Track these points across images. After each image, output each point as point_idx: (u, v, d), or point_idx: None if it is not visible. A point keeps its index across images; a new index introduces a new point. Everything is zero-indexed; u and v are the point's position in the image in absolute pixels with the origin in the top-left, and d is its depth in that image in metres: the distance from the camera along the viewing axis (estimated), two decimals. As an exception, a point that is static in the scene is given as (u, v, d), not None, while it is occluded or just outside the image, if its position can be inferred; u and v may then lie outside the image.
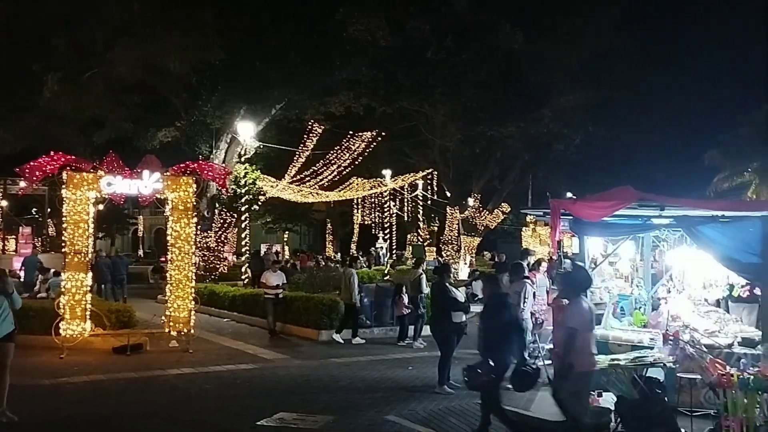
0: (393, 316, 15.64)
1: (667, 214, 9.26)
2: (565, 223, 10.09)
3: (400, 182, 34.99)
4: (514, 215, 37.40)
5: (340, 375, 10.78)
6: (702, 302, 11.50)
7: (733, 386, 7.18)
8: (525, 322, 9.84)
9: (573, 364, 6.73)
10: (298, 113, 24.30)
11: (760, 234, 8.49)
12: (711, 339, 8.68)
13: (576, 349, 6.81)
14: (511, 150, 28.78)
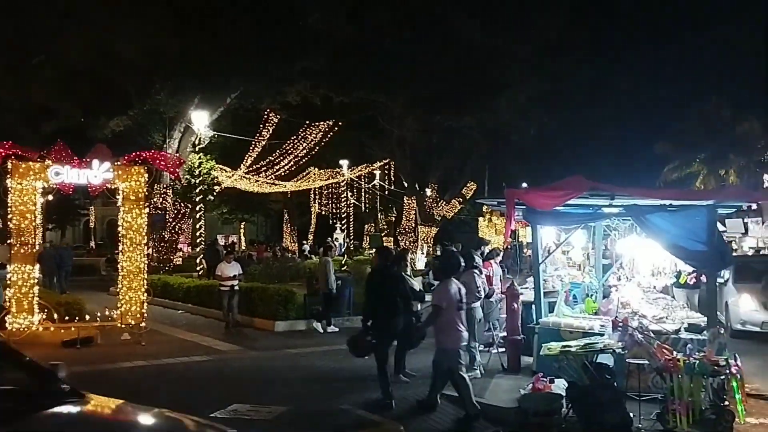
0: (350, 305, 15.69)
1: (617, 203, 9.42)
2: (519, 212, 10.21)
3: (357, 172, 34.96)
4: (471, 205, 37.77)
5: (296, 365, 10.73)
6: (651, 289, 11.80)
7: (679, 371, 7.38)
8: (474, 311, 9.91)
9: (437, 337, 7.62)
10: (254, 102, 24.02)
11: (705, 222, 8.72)
12: (659, 325, 8.89)
13: (440, 326, 7.56)
14: (468, 140, 28.97)
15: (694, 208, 8.95)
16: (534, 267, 10.66)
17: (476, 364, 9.69)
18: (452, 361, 7.64)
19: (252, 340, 13.23)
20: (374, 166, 34.40)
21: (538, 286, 10.24)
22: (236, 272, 14.87)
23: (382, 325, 8.45)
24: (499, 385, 8.99)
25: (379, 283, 8.68)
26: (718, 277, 12.74)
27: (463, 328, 7.74)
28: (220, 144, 26.01)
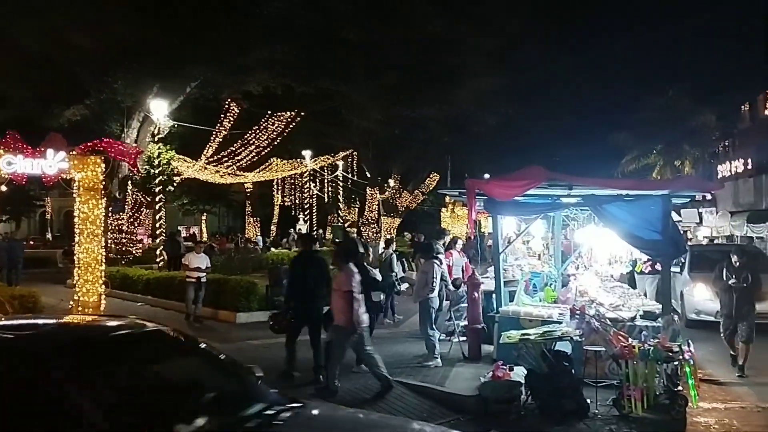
0: (312, 296, 15.66)
1: (575, 194, 9.58)
2: (481, 202, 10.31)
3: (320, 163, 34.81)
4: (434, 196, 37.97)
5: (258, 357, 10.64)
6: (608, 278, 12.06)
7: (634, 357, 7.55)
8: (432, 301, 9.99)
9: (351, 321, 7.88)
10: (214, 92, 23.66)
11: (660, 212, 8.93)
12: (615, 313, 9.08)
13: (341, 307, 7.90)
14: (430, 131, 29.05)
15: (649, 198, 9.15)
16: (494, 257, 10.78)
17: (436, 352, 9.78)
18: (346, 339, 8.07)
19: (214, 332, 13.10)
20: (337, 157, 34.31)
21: (499, 276, 10.37)
22: (204, 264, 14.47)
23: (300, 306, 9.07)
24: (460, 374, 9.08)
25: (302, 267, 9.15)
26: (673, 265, 13.10)
27: (363, 309, 8.12)
28: (181, 134, 25.60)
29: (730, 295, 9.99)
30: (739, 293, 9.90)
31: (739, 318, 9.81)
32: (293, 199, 40.00)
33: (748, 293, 9.95)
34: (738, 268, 10.05)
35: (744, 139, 31.16)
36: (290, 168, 32.92)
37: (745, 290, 9.93)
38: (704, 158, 34.12)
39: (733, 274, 10.03)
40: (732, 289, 9.98)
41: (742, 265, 10.08)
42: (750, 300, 9.94)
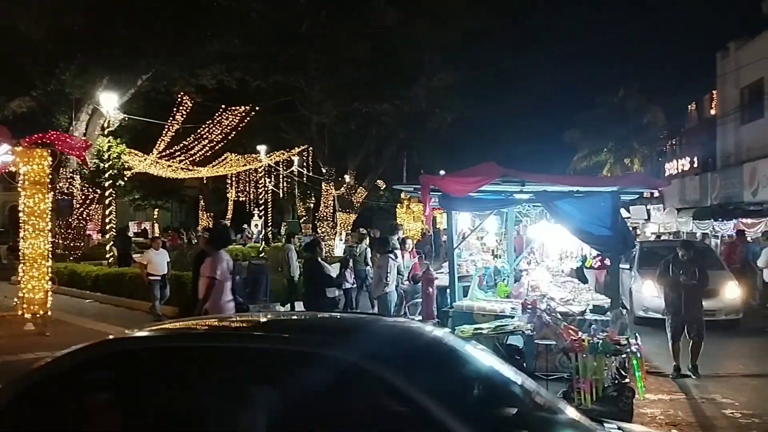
0: (267, 292, 15.55)
1: (528, 190, 9.69)
2: (436, 198, 10.36)
3: (275, 158, 34.48)
4: (390, 192, 38.06)
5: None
6: (559, 273, 12.26)
7: (584, 350, 7.69)
8: (390, 295, 10.01)
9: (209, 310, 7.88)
10: (166, 85, 23.23)
11: (610, 208, 9.10)
12: (566, 307, 9.23)
13: (214, 297, 7.93)
14: (386, 127, 29.09)
15: (599, 195, 9.32)
16: (449, 252, 10.85)
17: (392, 348, 9.79)
18: None
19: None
20: (292, 152, 34.04)
21: (453, 271, 10.44)
22: (166, 260, 13.98)
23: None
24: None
25: (196, 264, 9.34)
26: (622, 262, 13.36)
27: (231, 298, 8.23)
28: (132, 127, 25.05)
29: (677, 293, 9.57)
30: (688, 290, 9.50)
31: (688, 316, 9.42)
32: (248, 194, 39.54)
33: (696, 290, 9.58)
34: (685, 263, 9.65)
35: (690, 138, 32.06)
36: (245, 163, 32.50)
37: (694, 287, 9.54)
38: (653, 156, 35.02)
39: (680, 269, 9.60)
40: (680, 286, 9.57)
41: (689, 260, 9.69)
42: (699, 297, 9.62)
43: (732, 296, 13.00)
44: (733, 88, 25.10)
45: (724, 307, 12.78)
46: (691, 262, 9.63)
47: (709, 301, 11.61)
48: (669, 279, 9.72)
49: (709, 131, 27.90)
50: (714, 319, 11.88)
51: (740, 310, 13.05)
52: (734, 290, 13.08)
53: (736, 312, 12.95)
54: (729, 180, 22.84)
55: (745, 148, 23.70)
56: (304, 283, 10.36)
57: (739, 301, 13.08)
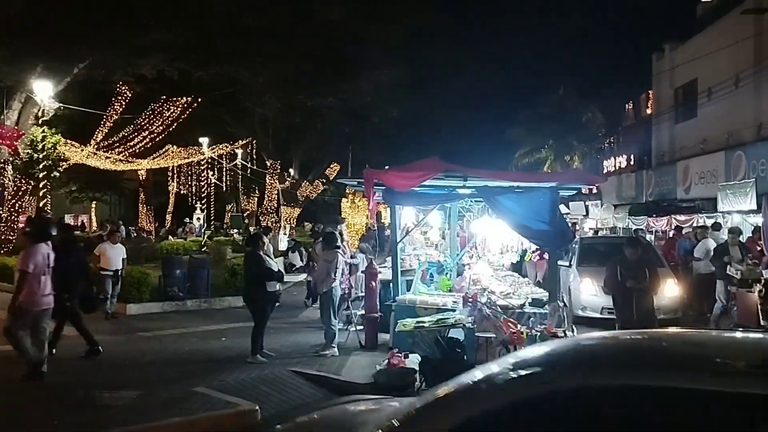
0: (208, 287, 15.35)
1: (470, 185, 9.82)
2: (380, 193, 10.40)
3: (218, 151, 33.94)
4: (335, 186, 37.97)
5: (149, 349, 10.32)
6: (500, 267, 12.46)
7: (522, 342, 7.86)
8: (335, 290, 10.00)
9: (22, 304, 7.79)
10: (104, 74, 22.53)
11: (549, 203, 9.31)
12: (506, 300, 9.40)
13: (28, 290, 7.81)
14: (331, 121, 28.98)
15: (538, 190, 9.52)
16: (392, 246, 10.92)
17: (334, 342, 9.81)
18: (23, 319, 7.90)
19: (101, 324, 12.53)
20: (236, 145, 33.57)
21: (396, 265, 10.51)
22: (122, 255, 13.31)
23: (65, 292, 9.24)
24: (356, 362, 9.15)
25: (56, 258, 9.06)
26: (562, 258, 13.59)
27: (47, 291, 8.07)
28: (69, 117, 24.24)
29: (627, 298, 8.71)
30: (638, 295, 8.67)
31: (640, 324, 8.24)
32: (190, 187, 38.82)
33: (647, 294, 8.78)
34: (633, 264, 8.86)
35: (627, 137, 32.99)
36: (186, 155, 31.89)
37: (645, 291, 8.75)
38: (591, 154, 35.89)
39: (628, 272, 8.77)
40: (631, 291, 8.69)
41: (637, 260, 8.92)
42: (650, 302, 8.85)
43: (671, 294, 12.39)
44: (668, 88, 25.94)
45: (662, 306, 11.86)
46: (638, 263, 8.85)
47: None
48: (618, 284, 8.83)
49: (645, 130, 28.77)
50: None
51: (679, 309, 12.60)
52: (673, 288, 12.53)
53: (674, 311, 12.41)
54: (663, 177, 23.60)
55: (678, 146, 24.52)
56: (244, 276, 10.22)
57: (678, 299, 12.60)
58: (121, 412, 6.80)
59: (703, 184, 19.98)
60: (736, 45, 19.29)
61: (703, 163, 20.31)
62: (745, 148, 17.69)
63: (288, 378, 8.36)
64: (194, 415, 6.74)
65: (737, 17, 19.53)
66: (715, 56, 20.49)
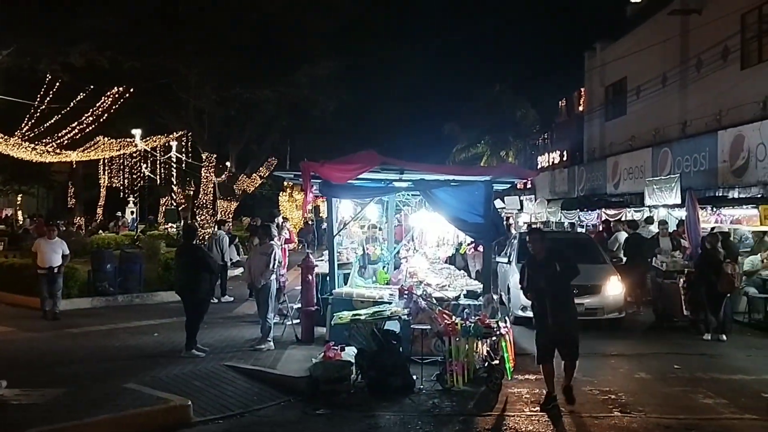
0: (141, 282, 14.99)
1: (407, 178, 9.91)
2: (317, 186, 10.35)
3: (152, 143, 33.07)
4: (273, 180, 37.57)
5: (77, 346, 10.01)
6: (437, 260, 12.61)
7: (457, 334, 7.99)
8: (272, 283, 9.92)
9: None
10: (30, 61, 21.65)
11: (483, 197, 9.47)
12: (441, 292, 9.52)
13: None
14: (268, 114, 28.61)
15: (473, 184, 9.68)
16: (329, 240, 10.90)
17: (270, 336, 9.73)
18: None
19: (25, 321, 12.08)
20: (170, 137, 32.78)
21: (333, 259, 10.51)
22: (61, 251, 12.55)
23: None
24: (292, 356, 9.10)
25: None
26: (500, 255, 13.78)
27: None
28: (-9, 106, 23.24)
29: (541, 302, 7.35)
30: (553, 294, 7.24)
31: (556, 327, 7.21)
32: (122, 180, 37.73)
33: (564, 291, 7.34)
34: (542, 260, 7.41)
35: (560, 133, 33.78)
36: (118, 147, 30.96)
37: (561, 289, 7.30)
38: (526, 149, 36.64)
39: (538, 271, 7.36)
40: (546, 292, 7.29)
41: (547, 255, 7.43)
42: (569, 300, 7.42)
43: (615, 293, 11.88)
44: (599, 86, 26.68)
45: (606, 305, 11.72)
46: (549, 256, 7.40)
47: (592, 299, 11.41)
48: (532, 284, 7.48)
49: (577, 126, 29.51)
50: (595, 318, 11.41)
51: (623, 307, 12.12)
52: (617, 286, 11.98)
53: (619, 310, 11.93)
54: (594, 173, 24.28)
55: (608, 143, 25.27)
56: (180, 269, 9.99)
57: (622, 297, 12.08)
58: (45, 411, 6.58)
59: (631, 179, 20.66)
60: (663, 45, 19.99)
61: (632, 159, 21.00)
62: (671, 145, 18.37)
63: (222, 372, 8.25)
64: (124, 412, 6.58)
65: (664, 18, 20.23)
66: (643, 56, 21.20)
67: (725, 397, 7.76)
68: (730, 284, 11.17)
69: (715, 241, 11.60)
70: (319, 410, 7.16)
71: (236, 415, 6.98)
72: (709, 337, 11.19)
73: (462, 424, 6.82)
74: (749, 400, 7.70)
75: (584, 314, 10.85)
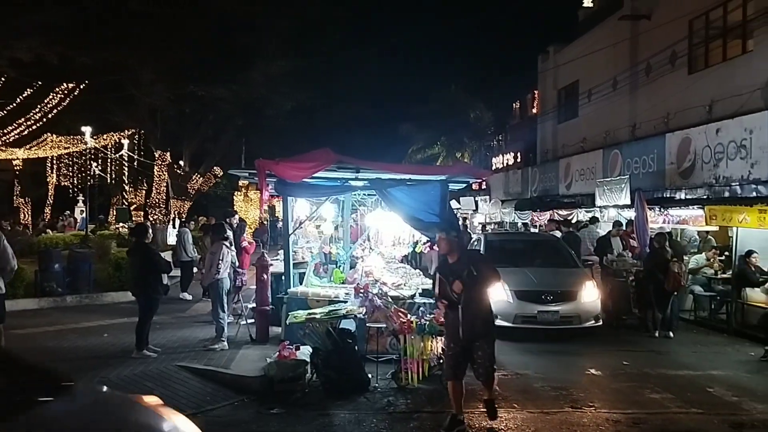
0: (90, 282, 14.64)
1: (363, 177, 9.90)
2: (272, 185, 10.26)
3: (103, 141, 32.36)
4: (228, 180, 37.16)
5: (22, 348, 9.67)
6: (393, 259, 12.64)
7: (412, 332, 8.02)
8: (222, 282, 9.81)
9: None
10: (-26, 56, 21.01)
11: (439, 196, 9.53)
12: (397, 291, 9.55)
13: None
14: (223, 113, 28.32)
15: (429, 183, 9.73)
16: (284, 239, 10.83)
17: (224, 336, 9.61)
18: None
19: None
20: (122, 135, 32.13)
21: (288, 258, 10.44)
22: None
23: None
24: (246, 356, 9.01)
25: None
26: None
27: None
28: (-68, 101, 22.43)
29: (453, 310, 6.45)
30: (465, 306, 6.34)
31: (468, 340, 6.41)
32: (71, 179, 36.80)
33: (478, 302, 6.44)
34: (456, 266, 6.48)
35: (515, 135, 34.25)
36: (67, 145, 30.21)
37: (475, 294, 6.39)
38: (481, 151, 37.05)
39: (450, 277, 6.43)
40: (456, 303, 6.40)
41: (460, 258, 6.54)
42: (483, 313, 6.48)
43: (590, 299, 11.04)
44: (552, 89, 27.13)
45: (583, 312, 10.89)
46: (459, 263, 6.52)
47: (566, 306, 10.71)
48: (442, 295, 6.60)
49: (530, 128, 29.94)
50: (571, 327, 10.77)
51: (600, 315, 11.15)
52: (593, 292, 11.19)
53: (595, 318, 11.00)
54: (547, 174, 24.67)
55: (561, 145, 25.71)
56: (131, 268, 9.80)
57: (598, 304, 11.19)
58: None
59: (582, 180, 21.06)
60: (614, 49, 20.45)
61: (583, 160, 21.41)
62: (621, 147, 18.79)
63: (174, 373, 8.12)
64: (72, 414, 6.40)
65: (615, 23, 20.67)
66: (594, 59, 21.63)
67: (672, 392, 7.99)
68: (677, 283, 11.49)
69: (663, 240, 11.93)
70: (274, 409, 7.11)
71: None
72: (657, 334, 11.51)
73: (416, 422, 6.85)
74: (695, 395, 7.94)
75: (559, 323, 10.66)
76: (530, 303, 10.82)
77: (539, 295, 10.89)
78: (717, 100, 15.45)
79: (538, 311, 10.74)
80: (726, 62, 15.86)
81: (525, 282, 11.13)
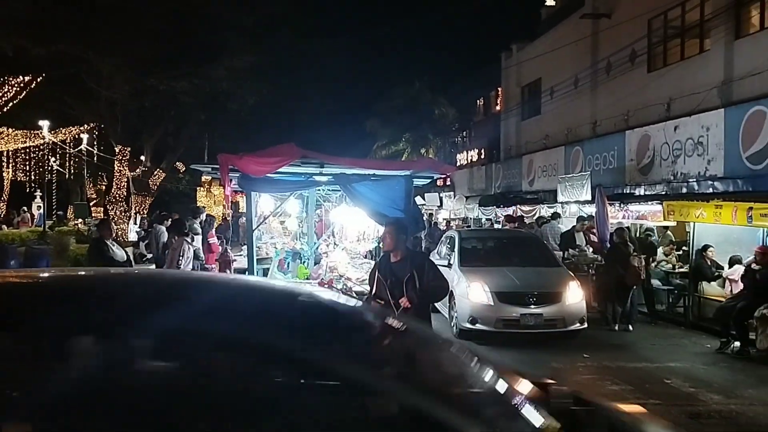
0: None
1: (327, 172, 9.86)
2: (235, 180, 10.16)
3: (61, 136, 31.66)
4: (190, 175, 36.72)
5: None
6: (357, 255, 12.63)
7: (376, 326, 7.99)
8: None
9: None
10: (-75, 47, 20.34)
11: (403, 191, 9.55)
12: (361, 286, 9.54)
13: None
14: (185, 107, 27.90)
15: (393, 178, 9.74)
16: (248, 234, 10.74)
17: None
18: None
19: None
20: (81, 129, 31.47)
21: (251, 253, 10.36)
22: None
23: None
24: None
25: None
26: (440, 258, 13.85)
27: None
28: None
29: None
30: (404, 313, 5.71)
31: None
32: (28, 174, 35.94)
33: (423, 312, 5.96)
34: (395, 267, 5.92)
35: (478, 131, 34.53)
36: (24, 139, 29.48)
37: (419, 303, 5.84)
38: (446, 147, 37.24)
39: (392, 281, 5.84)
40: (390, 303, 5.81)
41: (402, 258, 5.95)
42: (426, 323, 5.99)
43: (574, 301, 10.42)
44: (515, 86, 27.40)
45: (568, 315, 10.32)
46: (404, 261, 5.95)
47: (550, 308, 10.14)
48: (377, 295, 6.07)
49: (494, 125, 30.21)
50: (555, 331, 10.21)
51: (585, 317, 10.55)
52: (578, 293, 10.56)
53: (581, 320, 10.39)
54: (510, 170, 24.91)
55: (524, 141, 25.99)
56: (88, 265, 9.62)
57: (584, 305, 10.61)
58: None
59: (545, 176, 21.33)
60: (575, 47, 20.73)
61: (546, 157, 21.67)
62: (582, 144, 19.07)
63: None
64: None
65: (577, 21, 20.96)
66: (557, 57, 21.90)
67: (631, 384, 8.14)
68: (636, 277, 11.71)
69: (623, 235, 12.14)
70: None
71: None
72: (616, 328, 11.71)
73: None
74: (653, 386, 8.11)
75: (543, 326, 10.08)
76: (512, 305, 10.12)
77: (522, 296, 10.20)
78: (675, 98, 15.79)
79: (521, 314, 10.05)
80: (684, 61, 16.21)
81: (506, 283, 10.47)
